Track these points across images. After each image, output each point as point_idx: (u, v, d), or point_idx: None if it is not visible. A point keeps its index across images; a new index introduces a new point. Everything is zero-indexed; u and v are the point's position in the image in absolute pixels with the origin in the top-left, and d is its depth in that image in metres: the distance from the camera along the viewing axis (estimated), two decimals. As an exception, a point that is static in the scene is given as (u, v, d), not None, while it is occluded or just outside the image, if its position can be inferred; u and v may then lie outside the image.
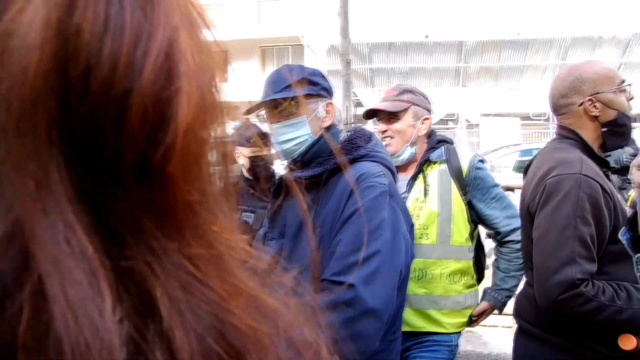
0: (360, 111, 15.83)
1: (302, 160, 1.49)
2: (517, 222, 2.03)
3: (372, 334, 1.23)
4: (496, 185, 2.09)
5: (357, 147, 1.46)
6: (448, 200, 2.02)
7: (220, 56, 0.27)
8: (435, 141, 2.13)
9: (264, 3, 19.91)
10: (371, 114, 2.18)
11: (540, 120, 14.92)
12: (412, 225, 1.50)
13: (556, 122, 1.75)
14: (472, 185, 2.04)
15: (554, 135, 1.77)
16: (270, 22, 19.57)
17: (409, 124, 2.08)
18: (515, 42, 15.71)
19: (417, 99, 2.11)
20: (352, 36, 9.57)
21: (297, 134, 1.47)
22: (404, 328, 1.99)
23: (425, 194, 2.03)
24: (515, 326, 1.80)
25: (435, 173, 2.06)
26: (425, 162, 2.08)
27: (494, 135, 13.00)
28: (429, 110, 2.15)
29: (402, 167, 2.13)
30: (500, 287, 2.11)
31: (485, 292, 2.15)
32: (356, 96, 15.18)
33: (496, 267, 2.16)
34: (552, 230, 1.46)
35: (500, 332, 4.13)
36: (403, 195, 2.04)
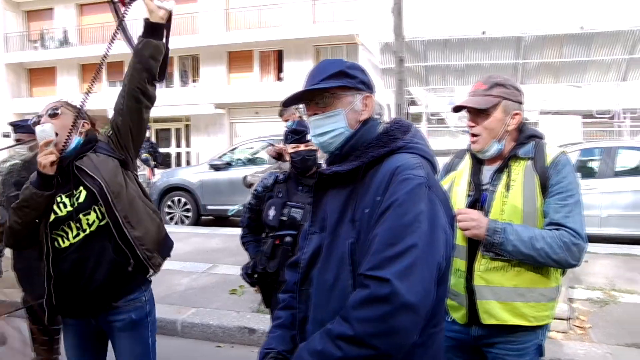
0: (414, 110, 15.65)
1: (340, 154, 1.50)
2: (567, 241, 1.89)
3: (409, 329, 1.23)
4: (571, 191, 1.94)
5: (394, 139, 1.44)
6: (532, 197, 1.97)
7: None
8: (525, 136, 2.07)
9: (319, 2, 20.02)
10: (460, 108, 2.12)
11: (604, 118, 14.26)
12: (453, 217, 1.47)
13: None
14: (549, 182, 1.97)
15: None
16: (324, 21, 19.67)
17: (498, 119, 2.02)
18: (578, 36, 15.04)
19: (508, 92, 2.04)
20: (406, 34, 9.46)
21: (332, 127, 1.48)
22: (490, 321, 1.99)
23: (508, 189, 1.99)
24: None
25: (521, 169, 2.01)
26: (512, 157, 2.04)
27: (553, 134, 12.52)
28: (520, 103, 2.07)
29: (490, 160, 2.10)
30: (507, 230, 1.91)
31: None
32: (410, 94, 15.01)
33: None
34: None
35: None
36: (485, 187, 2.04)
